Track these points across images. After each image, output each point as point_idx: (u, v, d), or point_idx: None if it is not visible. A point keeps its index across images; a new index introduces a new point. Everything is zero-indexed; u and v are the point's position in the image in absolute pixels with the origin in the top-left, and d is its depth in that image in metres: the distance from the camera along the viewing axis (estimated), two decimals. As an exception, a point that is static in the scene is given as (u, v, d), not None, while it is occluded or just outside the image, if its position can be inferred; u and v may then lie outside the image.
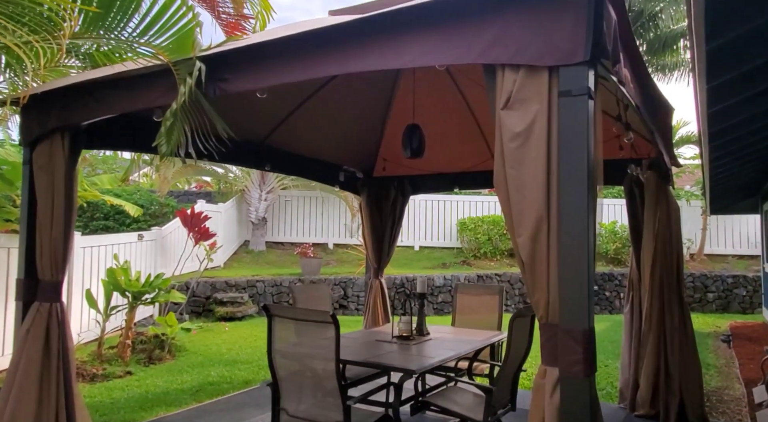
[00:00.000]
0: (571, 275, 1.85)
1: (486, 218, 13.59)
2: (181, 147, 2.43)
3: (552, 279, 1.88)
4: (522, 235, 1.91)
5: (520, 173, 1.92)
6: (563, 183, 1.87)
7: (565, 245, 1.86)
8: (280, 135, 5.12)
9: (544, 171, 1.88)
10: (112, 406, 4.79)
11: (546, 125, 1.88)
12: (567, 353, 1.80)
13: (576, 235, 1.84)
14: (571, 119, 1.84)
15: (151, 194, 13.72)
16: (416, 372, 3.01)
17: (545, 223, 1.88)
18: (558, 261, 1.87)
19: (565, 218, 1.86)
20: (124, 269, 6.20)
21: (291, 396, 3.10)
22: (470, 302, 5.16)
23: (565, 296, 1.85)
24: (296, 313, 3.03)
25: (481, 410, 3.42)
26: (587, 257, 1.83)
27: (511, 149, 1.94)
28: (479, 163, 5.80)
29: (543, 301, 1.89)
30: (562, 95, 1.85)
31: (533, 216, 1.90)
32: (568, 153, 1.86)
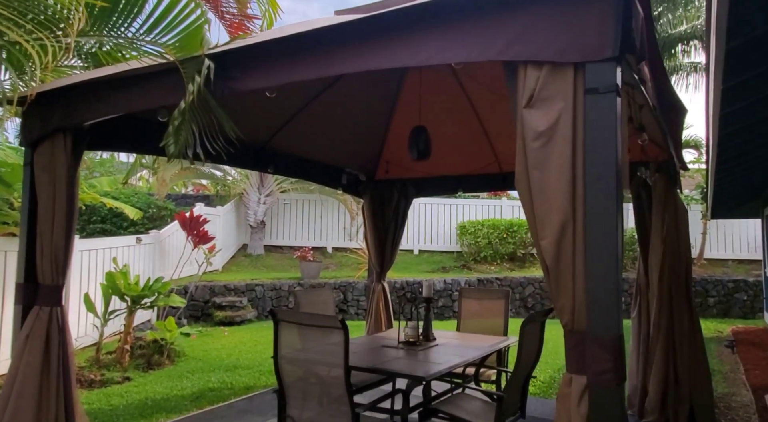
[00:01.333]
0: (599, 280, 1.78)
1: (486, 222, 13.54)
2: (189, 147, 2.37)
3: (578, 284, 1.81)
4: (546, 238, 1.85)
5: (544, 174, 1.86)
6: (590, 184, 1.80)
7: (593, 249, 1.80)
8: (283, 137, 5.05)
9: (570, 172, 1.82)
10: (111, 413, 4.69)
11: (571, 123, 1.82)
12: (596, 361, 1.73)
13: (604, 238, 1.77)
14: (597, 117, 1.78)
15: (149, 197, 13.62)
16: (426, 380, 2.95)
17: (570, 226, 1.82)
18: (584, 265, 1.80)
19: (592, 220, 1.80)
20: (123, 273, 6.11)
21: (297, 403, 3.02)
22: (475, 306, 5.09)
23: (593, 302, 1.78)
24: (303, 318, 2.96)
25: (490, 417, 3.35)
26: (616, 261, 1.76)
27: (534, 148, 1.87)
28: (483, 166, 5.75)
29: (568, 307, 1.82)
30: (588, 93, 1.79)
31: (558, 219, 1.84)
32: (595, 153, 1.79)
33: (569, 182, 1.82)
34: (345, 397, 2.82)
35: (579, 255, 1.82)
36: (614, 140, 1.75)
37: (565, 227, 1.82)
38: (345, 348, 2.76)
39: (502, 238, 13.24)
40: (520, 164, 1.96)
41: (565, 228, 1.82)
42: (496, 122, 5.26)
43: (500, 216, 14.22)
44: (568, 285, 1.81)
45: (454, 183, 6.01)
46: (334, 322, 2.77)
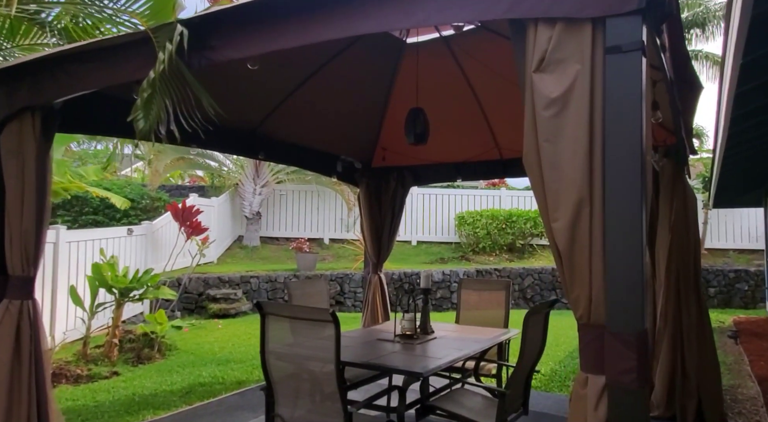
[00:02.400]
0: (620, 267, 1.57)
1: (485, 212, 13.35)
2: (161, 124, 2.15)
3: (595, 272, 1.61)
4: (558, 220, 1.64)
5: (557, 147, 1.64)
6: (610, 158, 1.59)
7: (613, 231, 1.58)
8: (274, 122, 4.83)
9: (587, 144, 1.60)
10: (96, 410, 4.50)
11: (588, 88, 1.60)
12: (616, 359, 1.53)
13: (627, 219, 1.56)
14: (620, 80, 1.56)
15: (143, 188, 13.38)
16: (423, 375, 2.76)
17: (587, 205, 1.60)
18: (603, 251, 1.59)
19: (613, 199, 1.58)
20: (111, 265, 5.90)
21: (287, 401, 2.83)
22: (475, 298, 4.90)
23: (614, 292, 1.57)
24: (292, 311, 2.76)
25: (491, 414, 3.16)
26: (640, 246, 1.55)
27: (546, 118, 1.66)
28: (483, 152, 5.54)
29: (584, 298, 1.61)
30: (609, 52, 1.57)
31: (572, 198, 1.62)
32: (617, 122, 1.57)
33: (586, 155, 1.61)
34: (337, 394, 2.63)
35: (597, 239, 1.61)
36: (639, 107, 1.53)
37: (581, 207, 1.61)
38: (336, 342, 2.56)
39: (501, 228, 13.05)
40: (528, 137, 1.74)
41: (581, 208, 1.61)
42: (497, 106, 5.04)
43: (499, 206, 14.03)
44: (584, 273, 1.60)
45: (453, 170, 5.80)
46: (325, 315, 2.57)
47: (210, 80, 2.44)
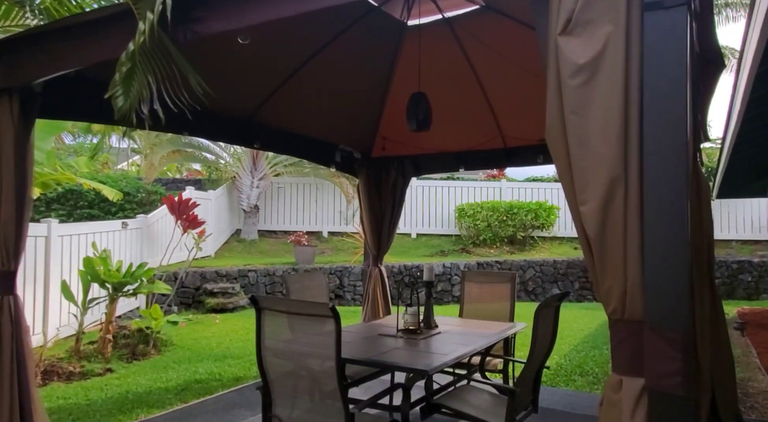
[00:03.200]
0: (662, 255, 1.38)
1: (485, 204, 13.19)
2: (144, 103, 1.97)
3: (631, 261, 1.43)
4: (587, 203, 1.46)
5: (586, 120, 1.46)
6: (649, 130, 1.40)
7: (653, 214, 1.40)
8: (270, 110, 4.64)
9: (621, 115, 1.42)
10: (88, 408, 4.35)
11: (623, 52, 1.41)
12: (658, 360, 1.36)
13: (669, 199, 1.37)
14: (660, 42, 1.37)
15: (138, 182, 13.19)
16: (429, 374, 2.60)
17: (621, 185, 1.43)
18: (640, 236, 1.42)
19: (653, 177, 1.40)
20: (103, 259, 5.73)
21: (284, 401, 2.67)
22: (479, 290, 4.74)
23: (655, 284, 1.39)
24: (290, 306, 2.60)
25: (500, 412, 3.01)
26: (684, 230, 1.37)
27: (573, 87, 1.47)
28: (486, 141, 5.36)
29: (617, 290, 1.44)
30: (648, 9, 1.38)
31: (604, 177, 1.44)
32: (658, 90, 1.38)
33: (620, 128, 1.42)
34: (338, 393, 2.48)
35: (633, 223, 1.43)
36: (683, 74, 1.35)
37: (614, 188, 1.43)
38: (337, 338, 2.40)
39: (501, 221, 12.89)
40: (552, 109, 1.55)
41: (614, 189, 1.43)
42: (501, 92, 4.86)
43: (499, 198, 13.87)
44: (617, 262, 1.43)
45: (455, 160, 5.62)
46: (324, 310, 2.40)
47: (202, 64, 2.26)
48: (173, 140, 12.94)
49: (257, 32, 2.41)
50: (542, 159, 4.96)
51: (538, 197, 13.88)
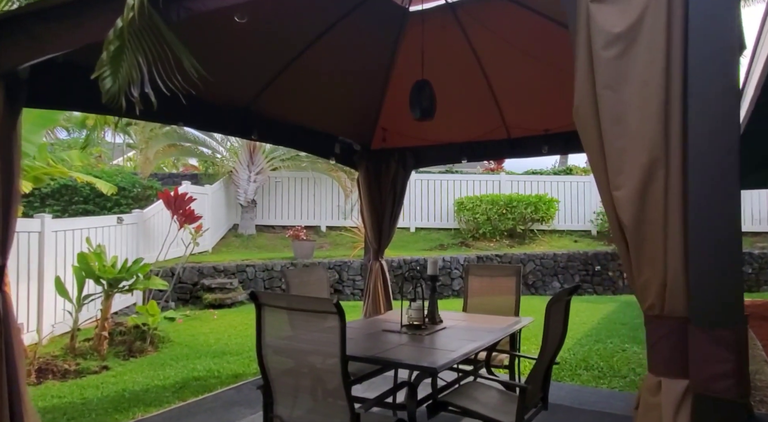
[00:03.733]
0: (712, 246, 1.25)
1: (485, 198, 13.08)
2: (134, 85, 1.84)
3: (672, 251, 1.31)
4: (622, 187, 1.34)
5: (621, 95, 1.33)
6: (695, 106, 1.27)
7: (699, 198, 1.27)
8: (268, 100, 4.51)
9: (662, 89, 1.29)
10: (83, 407, 4.23)
11: (664, 18, 1.29)
12: (705, 360, 1.24)
13: (717, 182, 1.24)
14: (707, 5, 1.25)
15: (134, 177, 13.04)
16: (437, 371, 2.49)
17: (662, 167, 1.30)
18: (683, 223, 1.29)
19: (698, 158, 1.27)
20: (97, 254, 5.60)
21: (286, 401, 2.56)
22: (484, 284, 4.64)
23: (701, 276, 1.26)
24: (291, 301, 2.48)
25: (509, 409, 2.91)
26: (735, 216, 1.25)
27: (607, 59, 1.34)
28: (489, 131, 5.24)
29: (655, 283, 1.32)
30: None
31: (642, 158, 1.32)
32: (704, 60, 1.24)
33: (660, 104, 1.30)
34: (342, 391, 2.37)
35: (674, 209, 1.30)
36: (731, 39, 1.23)
37: (654, 170, 1.31)
38: (341, 335, 2.29)
39: (501, 214, 12.80)
40: (582, 85, 1.42)
41: (654, 171, 1.31)
42: (506, 81, 4.74)
43: (499, 191, 13.77)
44: (657, 253, 1.31)
45: (458, 151, 5.50)
46: (328, 305, 2.29)
47: (197, 48, 2.13)
48: (168, 134, 12.78)
49: (254, 17, 2.28)
50: (547, 150, 4.85)
51: (538, 190, 13.78)
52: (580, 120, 1.43)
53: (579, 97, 1.42)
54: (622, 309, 9.10)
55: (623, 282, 11.64)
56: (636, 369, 5.37)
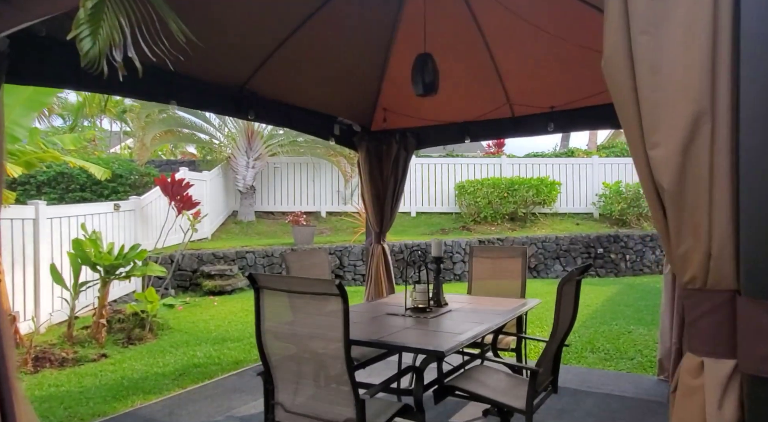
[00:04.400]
0: (766, 207, 1.12)
1: (486, 181, 12.94)
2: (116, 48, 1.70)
3: (718, 216, 1.18)
4: (659, 146, 1.20)
5: (660, 40, 1.19)
6: (748, 49, 1.12)
7: (752, 156, 1.13)
8: (264, 79, 4.35)
9: (708, 32, 1.15)
10: (81, 396, 4.15)
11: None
12: (760, 338, 1.11)
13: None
14: None
15: (131, 164, 12.89)
16: (446, 355, 2.39)
17: (708, 121, 1.16)
18: (732, 186, 1.16)
19: (751, 109, 1.12)
20: (93, 241, 5.48)
21: (287, 388, 2.46)
22: (489, 266, 4.54)
23: (756, 244, 1.12)
24: (291, 284, 2.36)
25: (518, 393, 2.82)
26: None
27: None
28: (493, 110, 5.09)
29: (698, 253, 1.19)
30: None
31: (686, 111, 1.18)
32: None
33: (707, 51, 1.15)
34: (345, 376, 2.27)
35: (721, 169, 1.17)
36: None
37: (698, 124, 1.17)
38: (345, 318, 2.18)
39: (502, 197, 12.67)
40: (614, 32, 1.25)
41: (698, 126, 1.17)
42: (509, 57, 4.57)
43: (500, 174, 13.63)
44: (699, 219, 1.18)
45: (460, 131, 5.34)
46: (330, 287, 2.18)
47: (190, 25, 1.99)
48: (165, 120, 12.59)
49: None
50: (552, 127, 4.70)
51: (539, 172, 13.64)
52: (611, 72, 1.28)
53: (610, 46, 1.27)
54: (625, 291, 9.02)
55: (625, 264, 11.57)
56: (642, 351, 5.29)
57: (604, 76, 1.30)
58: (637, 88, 1.23)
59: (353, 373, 2.23)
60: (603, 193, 13.15)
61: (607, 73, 1.30)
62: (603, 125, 4.66)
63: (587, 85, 4.44)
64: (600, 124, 4.65)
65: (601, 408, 3.77)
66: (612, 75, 1.28)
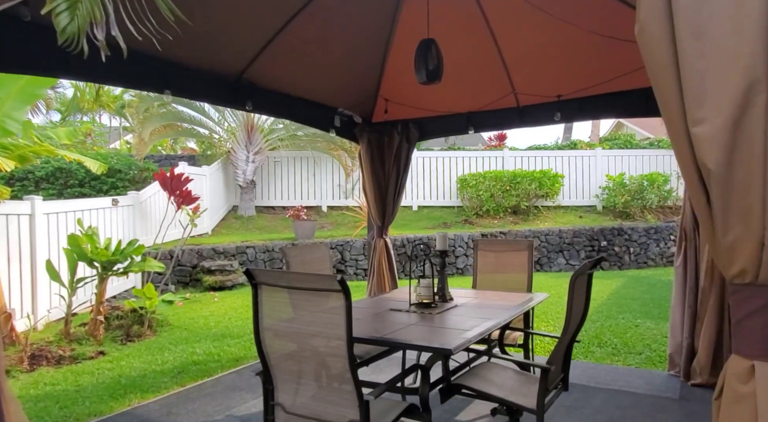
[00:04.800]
0: None
1: (488, 174, 12.81)
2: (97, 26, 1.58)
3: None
4: (705, 121, 1.06)
5: (705, 3, 1.06)
6: None
7: None
8: (262, 68, 4.22)
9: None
10: (77, 395, 4.05)
11: None
12: None
13: None
14: None
15: (130, 159, 12.76)
16: (453, 352, 2.27)
17: (762, 92, 1.03)
18: None
19: None
20: (89, 236, 5.37)
21: (288, 388, 2.35)
22: (494, 260, 4.43)
23: None
24: (291, 279, 2.25)
25: (527, 392, 2.71)
26: None
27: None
28: (497, 100, 4.96)
29: (749, 243, 1.07)
30: None
31: (736, 81, 1.05)
32: None
33: (762, 9, 1.02)
34: (348, 375, 2.16)
35: None
36: None
37: (751, 96, 1.04)
38: (347, 315, 2.07)
39: (505, 190, 12.54)
40: None
41: (751, 97, 1.04)
42: (515, 44, 4.43)
43: (502, 167, 13.49)
44: (751, 202, 1.04)
45: (464, 121, 5.21)
46: (331, 283, 2.06)
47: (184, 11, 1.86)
48: (164, 114, 12.46)
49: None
50: (559, 117, 4.56)
51: (542, 165, 13.51)
52: (647, 40, 1.14)
53: (646, 9, 1.13)
54: (630, 284, 8.91)
55: (629, 257, 11.46)
56: (651, 345, 5.18)
57: (639, 46, 1.17)
58: (679, 56, 1.10)
59: (356, 372, 2.12)
60: (606, 185, 13.02)
61: (643, 42, 1.16)
62: (611, 114, 4.53)
63: (595, 72, 4.32)
64: (608, 112, 4.52)
65: (611, 404, 3.67)
66: (648, 43, 1.15)
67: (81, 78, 3.12)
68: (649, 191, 12.56)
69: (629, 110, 4.34)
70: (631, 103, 4.34)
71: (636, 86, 4.25)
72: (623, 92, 4.36)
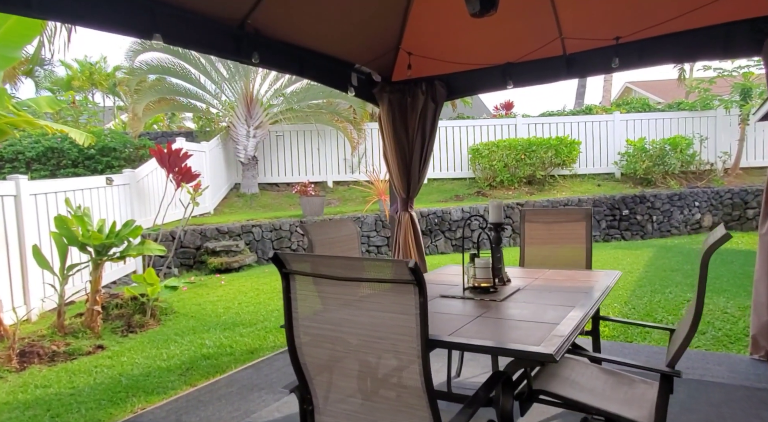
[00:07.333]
0: None
1: (501, 143, 12.14)
2: None
3: None
4: None
5: None
6: None
7: None
8: (269, 14, 3.55)
9: None
10: (71, 399, 3.51)
11: None
12: None
13: None
14: None
15: (125, 136, 12.09)
16: (556, 358, 1.69)
17: None
18: None
19: None
20: (79, 217, 4.77)
21: (335, 410, 1.78)
22: (544, 232, 3.84)
23: None
24: (335, 266, 1.63)
25: (629, 398, 2.15)
26: None
27: None
28: (540, 48, 4.29)
29: None
30: None
31: None
32: None
33: None
34: (422, 390, 1.58)
35: None
36: None
37: None
38: (422, 315, 1.48)
39: (519, 159, 11.91)
40: None
41: None
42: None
43: (515, 136, 12.82)
44: None
45: (500, 75, 4.55)
46: (400, 271, 1.46)
47: None
48: (158, 87, 11.73)
49: None
50: (617, 63, 3.90)
51: (556, 132, 12.85)
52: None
53: None
54: (662, 255, 8.36)
55: (652, 226, 10.90)
56: (714, 323, 4.63)
57: None
58: None
59: (434, 395, 1.54)
60: (626, 151, 12.36)
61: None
62: (681, 58, 3.86)
63: (662, 6, 3.64)
64: (676, 56, 3.84)
65: (700, 400, 3.11)
66: None
67: (55, 17, 2.47)
68: (672, 155, 11.92)
69: (703, 51, 3.68)
70: (704, 43, 3.69)
71: (711, 22, 3.59)
72: (693, 31, 3.70)
